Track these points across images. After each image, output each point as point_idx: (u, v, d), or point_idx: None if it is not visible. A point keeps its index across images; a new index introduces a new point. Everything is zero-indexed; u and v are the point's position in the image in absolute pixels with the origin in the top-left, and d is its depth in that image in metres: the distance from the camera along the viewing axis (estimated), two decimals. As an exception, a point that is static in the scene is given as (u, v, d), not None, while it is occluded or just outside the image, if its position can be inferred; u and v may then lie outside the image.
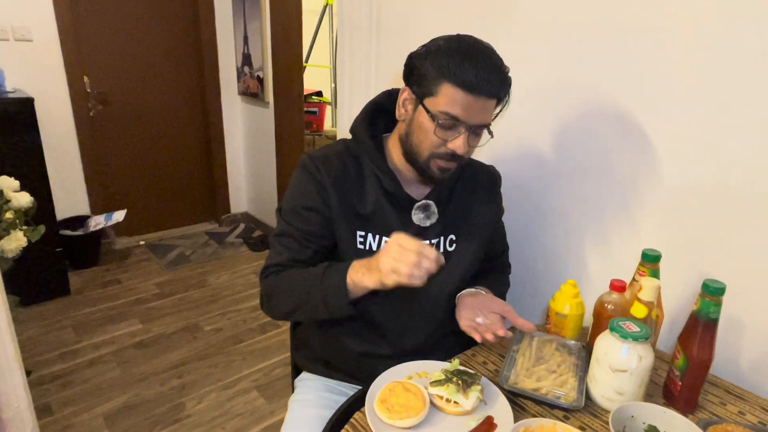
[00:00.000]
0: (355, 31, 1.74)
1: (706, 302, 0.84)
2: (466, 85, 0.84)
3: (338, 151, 1.01)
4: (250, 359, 2.22)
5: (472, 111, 0.86)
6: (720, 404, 0.92)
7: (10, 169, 1.76)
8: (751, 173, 0.96)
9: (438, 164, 0.93)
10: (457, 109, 0.86)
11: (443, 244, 1.04)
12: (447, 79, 0.85)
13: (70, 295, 2.66)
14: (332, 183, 0.96)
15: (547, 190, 1.34)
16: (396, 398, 0.83)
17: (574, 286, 1.05)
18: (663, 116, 1.07)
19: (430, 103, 0.88)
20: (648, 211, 1.14)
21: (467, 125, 0.88)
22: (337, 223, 0.98)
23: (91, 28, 2.89)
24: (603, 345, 0.87)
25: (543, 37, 1.26)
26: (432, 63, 0.86)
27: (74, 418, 1.82)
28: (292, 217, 0.99)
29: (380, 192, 0.99)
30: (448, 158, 0.92)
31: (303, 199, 0.98)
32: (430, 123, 0.89)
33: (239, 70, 3.43)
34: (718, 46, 0.97)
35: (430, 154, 0.92)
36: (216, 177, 3.61)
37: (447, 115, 0.86)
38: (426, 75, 0.87)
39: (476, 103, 0.86)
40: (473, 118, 0.87)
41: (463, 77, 0.84)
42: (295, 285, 0.95)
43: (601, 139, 1.20)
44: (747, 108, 0.95)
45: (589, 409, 0.89)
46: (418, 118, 0.91)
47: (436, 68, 0.85)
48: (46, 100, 2.71)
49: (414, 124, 0.92)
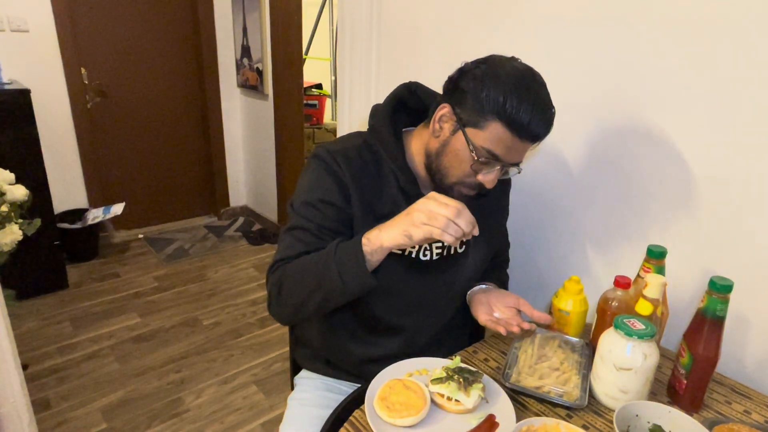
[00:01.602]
0: (356, 22, 1.72)
1: (713, 300, 0.82)
2: (517, 128, 0.81)
3: (357, 146, 0.95)
4: (249, 354, 2.21)
5: (515, 152, 0.85)
6: (726, 403, 0.91)
7: (7, 162, 1.75)
8: (760, 168, 0.94)
9: (461, 191, 0.91)
10: (501, 149, 0.83)
11: (454, 247, 1.02)
12: (500, 118, 0.80)
13: (68, 288, 2.65)
14: (352, 179, 0.91)
15: (550, 185, 1.32)
16: (396, 396, 0.81)
17: (578, 282, 1.03)
18: (670, 111, 1.05)
19: (474, 134, 0.83)
20: (653, 207, 1.12)
21: (504, 163, 0.86)
22: (355, 221, 0.93)
23: (88, 19, 2.85)
24: (607, 342, 0.86)
25: (545, 32, 1.23)
26: (488, 95, 0.80)
27: (72, 412, 1.82)
28: (306, 210, 0.91)
29: (397, 191, 0.95)
30: (473, 188, 0.90)
31: (320, 193, 0.91)
32: (467, 154, 0.85)
33: (238, 62, 3.40)
34: (728, 37, 0.94)
35: (457, 181, 0.89)
36: (215, 170, 3.59)
37: (489, 154, 0.84)
38: (476, 105, 0.82)
39: (520, 147, 0.84)
40: (513, 159, 0.86)
41: (518, 120, 0.80)
42: (306, 268, 0.86)
43: (605, 133, 1.18)
44: (756, 102, 0.93)
45: (592, 407, 0.87)
46: (454, 143, 0.86)
47: (491, 103, 0.80)
48: (43, 92, 2.68)
49: (448, 148, 0.88)
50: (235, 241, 3.36)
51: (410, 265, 0.98)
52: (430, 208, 0.76)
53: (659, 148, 1.08)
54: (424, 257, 0.98)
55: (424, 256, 0.98)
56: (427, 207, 0.76)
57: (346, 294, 0.83)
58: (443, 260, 1.01)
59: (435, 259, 1.00)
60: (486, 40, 1.37)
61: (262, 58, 3.10)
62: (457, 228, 0.75)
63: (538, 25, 1.25)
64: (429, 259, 0.99)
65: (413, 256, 0.98)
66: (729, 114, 0.97)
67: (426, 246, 0.98)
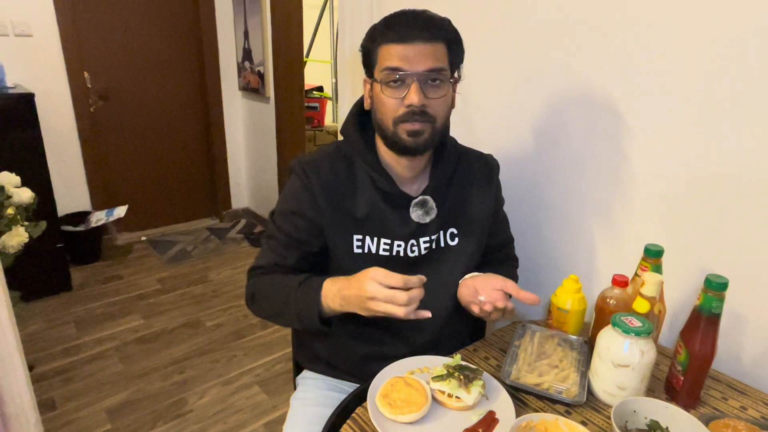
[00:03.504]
0: (357, 24, 1.73)
1: (708, 297, 0.84)
2: (396, 38, 0.87)
3: (329, 154, 1.00)
4: (251, 354, 2.22)
5: (412, 59, 0.87)
6: (722, 399, 0.92)
7: (11, 165, 1.76)
8: (755, 167, 0.96)
9: (405, 128, 0.90)
10: (394, 61, 0.87)
11: (443, 239, 1.03)
12: (379, 43, 0.89)
13: (72, 290, 2.66)
14: (321, 188, 0.95)
15: (548, 184, 1.34)
16: (398, 393, 0.83)
17: (576, 281, 1.05)
18: (666, 110, 1.07)
19: (377, 73, 0.91)
20: (650, 206, 1.14)
21: (414, 75, 0.87)
22: (328, 230, 0.97)
23: (91, 23, 2.88)
24: (605, 340, 0.87)
25: (544, 30, 1.25)
26: (367, 40, 0.92)
27: (77, 412, 1.83)
28: (280, 220, 1.00)
29: (375, 192, 0.98)
30: (410, 118, 0.89)
31: (291, 204, 0.98)
32: (379, 88, 0.90)
33: (240, 66, 3.42)
34: (722, 37, 0.96)
35: (394, 121, 0.90)
36: (217, 172, 3.61)
37: (388, 70, 0.88)
38: (367, 54, 0.93)
39: (413, 50, 0.87)
40: (416, 65, 0.87)
41: (391, 31, 0.88)
42: (274, 293, 0.97)
43: (603, 132, 1.19)
44: (750, 101, 0.94)
45: (590, 404, 0.89)
46: (374, 93, 0.93)
47: (370, 41, 0.91)
48: (47, 96, 2.70)
49: (374, 101, 0.94)
50: (237, 243, 3.38)
51: (399, 264, 0.99)
52: (383, 301, 0.79)
53: (657, 147, 1.10)
54: (412, 253, 1.00)
55: (412, 252, 1.00)
56: (377, 298, 0.79)
57: (307, 329, 0.94)
58: (432, 254, 1.02)
59: (424, 253, 1.01)
60: (485, 42, 1.38)
61: (264, 61, 3.11)
62: (414, 307, 0.79)
63: (538, 25, 1.26)
64: (417, 254, 1.01)
65: (401, 255, 1.00)
66: (725, 112, 0.98)
67: (413, 242, 1.00)
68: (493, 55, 1.36)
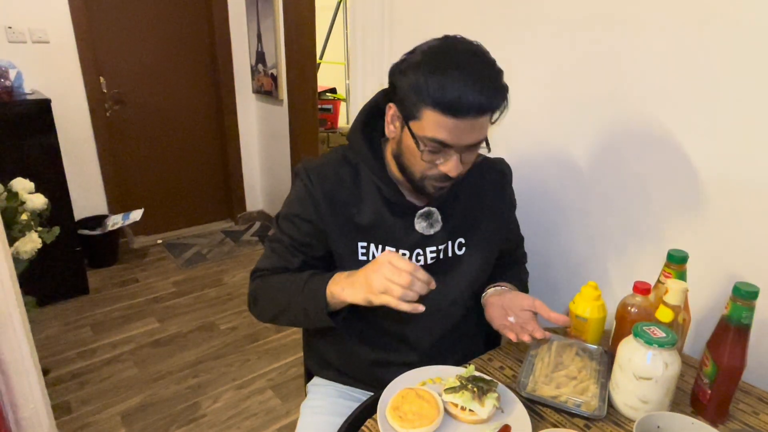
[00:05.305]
0: (368, 25, 1.71)
1: (737, 306, 0.79)
2: (449, 108, 0.76)
3: (335, 161, 0.97)
4: (265, 358, 2.22)
5: (461, 133, 0.79)
6: (753, 413, 0.88)
7: (28, 170, 1.78)
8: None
9: (433, 184, 0.88)
10: (443, 135, 0.79)
11: (451, 249, 1.00)
12: (429, 104, 0.77)
13: (89, 293, 2.69)
14: (324, 195, 0.93)
15: (566, 187, 1.30)
16: (409, 406, 0.80)
17: (596, 288, 1.01)
18: (689, 110, 1.02)
19: (416, 126, 0.81)
20: (674, 209, 1.09)
21: (458, 147, 0.81)
22: (332, 236, 0.95)
23: (107, 29, 2.91)
24: (626, 351, 0.83)
25: (561, 30, 1.21)
26: (410, 84, 0.78)
27: (92, 416, 1.84)
28: (284, 223, 0.99)
29: (380, 201, 0.95)
30: (442, 179, 0.87)
31: (295, 208, 0.97)
32: (415, 144, 0.82)
33: (253, 68, 3.43)
34: (749, 33, 0.91)
35: (422, 176, 0.87)
36: (231, 175, 3.62)
37: (434, 141, 0.80)
38: (406, 97, 0.80)
39: (464, 125, 0.78)
40: (463, 140, 0.80)
41: (445, 101, 0.75)
42: (278, 291, 0.95)
43: (623, 134, 1.15)
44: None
45: (611, 417, 0.85)
46: (405, 140, 0.85)
47: (414, 91, 0.77)
48: (63, 101, 2.73)
49: (403, 145, 0.87)
50: (252, 246, 3.39)
51: None
52: (386, 276, 0.77)
53: (679, 148, 1.05)
54: (418, 262, 0.98)
55: (418, 261, 0.98)
56: (383, 274, 0.77)
57: (312, 325, 0.92)
58: (439, 264, 0.99)
59: (430, 263, 0.99)
60: (497, 43, 1.34)
61: (277, 63, 3.11)
62: (412, 297, 0.77)
63: (555, 25, 1.22)
64: (423, 264, 0.98)
65: None
66: (754, 113, 0.93)
67: (419, 251, 0.97)
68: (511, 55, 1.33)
